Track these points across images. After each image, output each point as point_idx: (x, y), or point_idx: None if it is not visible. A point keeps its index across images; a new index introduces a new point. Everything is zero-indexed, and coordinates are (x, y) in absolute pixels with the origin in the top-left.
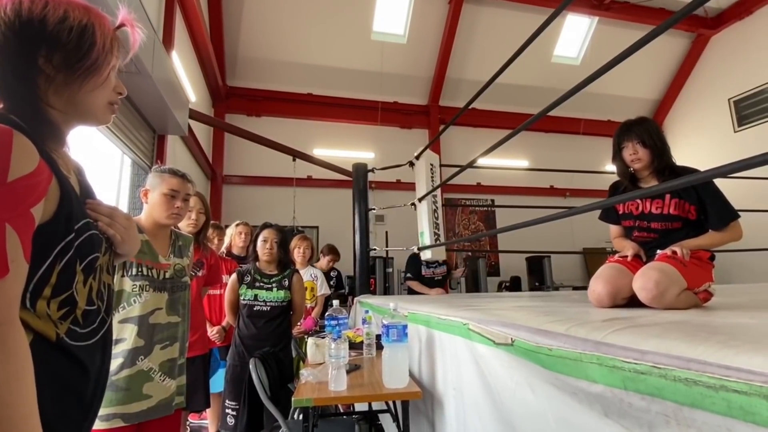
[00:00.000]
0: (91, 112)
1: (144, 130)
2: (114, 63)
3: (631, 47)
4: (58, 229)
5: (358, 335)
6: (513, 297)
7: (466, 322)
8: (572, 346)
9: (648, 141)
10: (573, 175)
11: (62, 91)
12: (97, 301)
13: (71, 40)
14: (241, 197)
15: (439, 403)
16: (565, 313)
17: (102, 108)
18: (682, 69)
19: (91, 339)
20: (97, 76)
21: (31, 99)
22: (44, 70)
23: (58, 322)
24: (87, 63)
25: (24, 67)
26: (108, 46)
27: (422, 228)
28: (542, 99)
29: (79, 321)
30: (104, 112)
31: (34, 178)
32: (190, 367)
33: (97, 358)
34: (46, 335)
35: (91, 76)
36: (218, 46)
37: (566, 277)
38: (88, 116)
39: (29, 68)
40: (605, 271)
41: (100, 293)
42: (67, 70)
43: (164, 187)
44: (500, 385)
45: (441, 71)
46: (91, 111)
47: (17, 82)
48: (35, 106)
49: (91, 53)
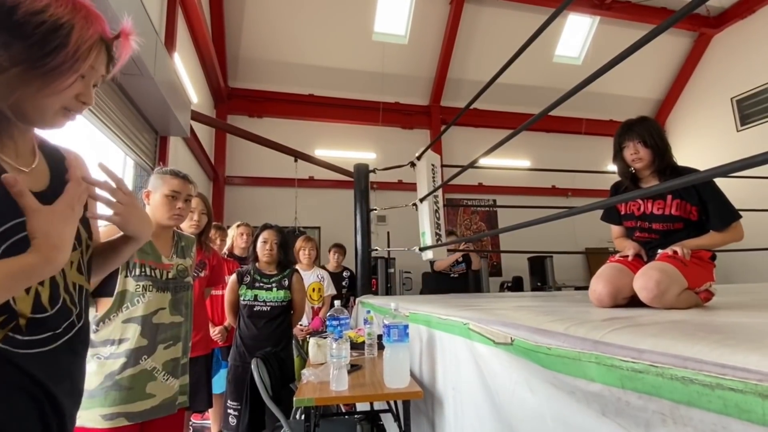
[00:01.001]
0: (36, 113)
1: (146, 131)
2: (84, 71)
3: (632, 46)
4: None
5: (359, 335)
6: (515, 297)
7: (466, 321)
8: (571, 345)
9: (649, 141)
10: (575, 174)
11: (14, 86)
12: (52, 307)
13: (36, 35)
14: (243, 198)
15: (439, 402)
16: (566, 313)
17: (52, 112)
18: (684, 68)
19: (43, 346)
20: (59, 80)
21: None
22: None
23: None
24: (50, 63)
25: None
26: (81, 52)
27: (424, 228)
28: (544, 99)
29: (21, 329)
30: (54, 117)
31: None
32: (192, 367)
33: (56, 365)
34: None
35: (53, 80)
36: (220, 48)
37: (568, 278)
38: (34, 119)
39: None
40: (606, 270)
41: (57, 297)
42: (24, 65)
43: (166, 188)
44: (499, 385)
45: (442, 71)
46: (37, 113)
47: None
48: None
49: (56, 54)
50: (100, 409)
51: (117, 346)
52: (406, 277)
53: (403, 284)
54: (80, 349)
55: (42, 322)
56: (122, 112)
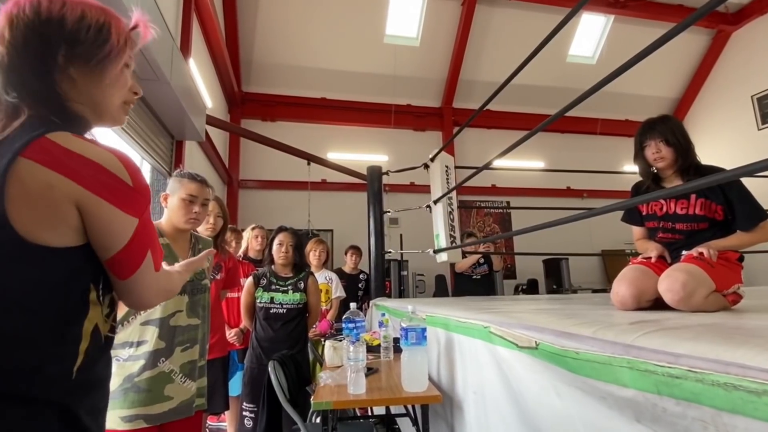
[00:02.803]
0: (106, 110)
1: (163, 136)
2: (127, 61)
3: (650, 46)
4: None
5: (375, 338)
6: (531, 300)
7: (487, 325)
8: (601, 350)
9: (671, 139)
10: (590, 175)
11: (82, 89)
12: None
13: (89, 38)
14: (257, 201)
15: (459, 407)
16: (589, 316)
17: (117, 107)
18: (702, 66)
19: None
20: (110, 70)
21: (54, 98)
22: (65, 68)
23: (105, 319)
24: (101, 57)
25: (45, 66)
26: (122, 44)
27: (438, 230)
28: (558, 99)
29: (115, 319)
30: (119, 112)
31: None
32: (209, 369)
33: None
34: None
35: (106, 71)
36: (233, 53)
37: (584, 280)
38: (105, 115)
39: (50, 68)
40: (629, 272)
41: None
42: (85, 67)
43: (183, 192)
44: (524, 389)
45: (454, 73)
46: (108, 109)
47: (39, 83)
48: (60, 105)
49: (105, 48)
50: (119, 411)
51: (135, 348)
52: (419, 279)
53: (417, 287)
54: None
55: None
56: (140, 116)
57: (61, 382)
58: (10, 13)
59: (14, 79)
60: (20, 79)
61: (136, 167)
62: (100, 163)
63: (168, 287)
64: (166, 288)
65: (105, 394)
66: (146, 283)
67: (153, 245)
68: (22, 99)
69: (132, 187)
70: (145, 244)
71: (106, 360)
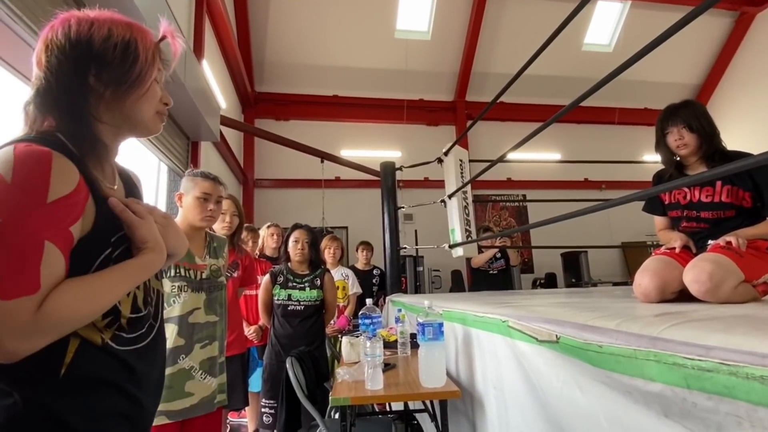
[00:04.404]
0: (140, 122)
1: (179, 137)
2: (156, 75)
3: (668, 30)
4: (95, 244)
5: (391, 334)
6: (550, 293)
7: (505, 319)
8: (625, 343)
9: (695, 125)
10: (609, 166)
11: (113, 106)
12: (145, 308)
13: (116, 56)
14: (273, 200)
15: (480, 402)
16: (611, 309)
17: (151, 118)
18: (724, 50)
19: (138, 343)
20: (141, 87)
21: (81, 117)
22: (95, 87)
23: (104, 329)
24: (132, 76)
25: (76, 87)
26: (150, 59)
27: (453, 225)
28: (573, 89)
29: (124, 328)
30: (153, 122)
31: (72, 198)
32: (228, 366)
33: (148, 360)
34: (92, 340)
35: (136, 88)
36: (246, 53)
37: (604, 273)
38: (139, 127)
39: (81, 87)
40: (652, 263)
41: (148, 300)
42: (115, 85)
43: (197, 190)
44: (545, 384)
45: (467, 66)
46: (141, 121)
47: (70, 103)
48: (84, 124)
49: (135, 66)
50: None
51: None
52: (435, 275)
53: (432, 282)
54: (161, 348)
55: (137, 321)
56: None
57: (39, 379)
58: (45, 38)
59: (50, 101)
60: (55, 101)
61: (31, 164)
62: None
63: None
64: (39, 326)
65: (106, 397)
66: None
67: (11, 257)
68: (55, 119)
69: (9, 184)
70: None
71: (108, 362)
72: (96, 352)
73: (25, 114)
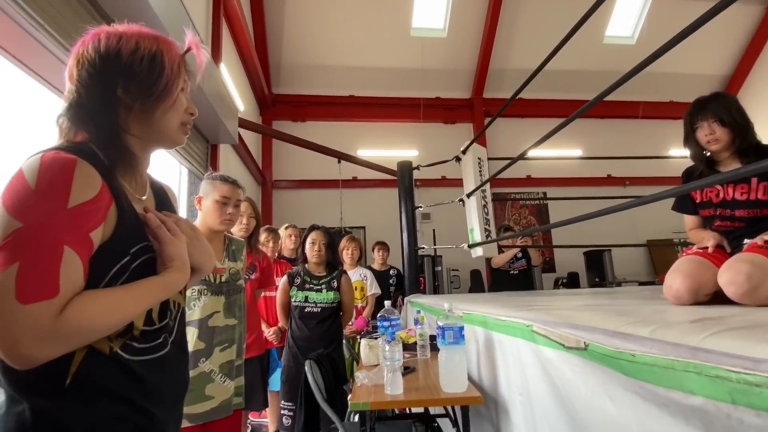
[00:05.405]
0: (166, 134)
1: (198, 140)
2: (182, 85)
3: (698, 20)
4: (114, 252)
5: (410, 336)
6: (573, 294)
7: (529, 323)
8: (661, 352)
9: (727, 118)
10: (633, 162)
11: (141, 118)
12: (160, 321)
13: (143, 68)
14: (291, 201)
15: (504, 409)
16: (641, 313)
17: (176, 129)
18: (755, 39)
19: (151, 354)
20: (168, 98)
21: (111, 129)
22: (123, 100)
23: (113, 339)
24: (158, 87)
25: (106, 100)
26: (176, 70)
27: (472, 224)
28: (595, 83)
29: (136, 338)
30: (178, 133)
31: (94, 204)
32: (247, 367)
33: (164, 371)
34: (100, 349)
35: (164, 99)
36: (263, 56)
37: (629, 272)
38: (164, 138)
39: (110, 100)
40: (684, 264)
41: (167, 313)
42: (143, 97)
43: (216, 194)
44: (572, 392)
45: (484, 62)
46: (166, 133)
47: (100, 115)
48: (114, 136)
49: (161, 78)
50: None
51: None
52: (454, 275)
53: (451, 282)
54: (184, 357)
55: (151, 332)
56: None
57: (46, 387)
58: (77, 53)
59: (82, 115)
60: (87, 114)
61: (56, 170)
62: (22, 168)
63: (65, 331)
64: (62, 331)
65: (112, 406)
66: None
67: (31, 262)
68: (87, 131)
69: (32, 189)
70: (15, 254)
71: (115, 371)
72: (103, 361)
73: (59, 127)
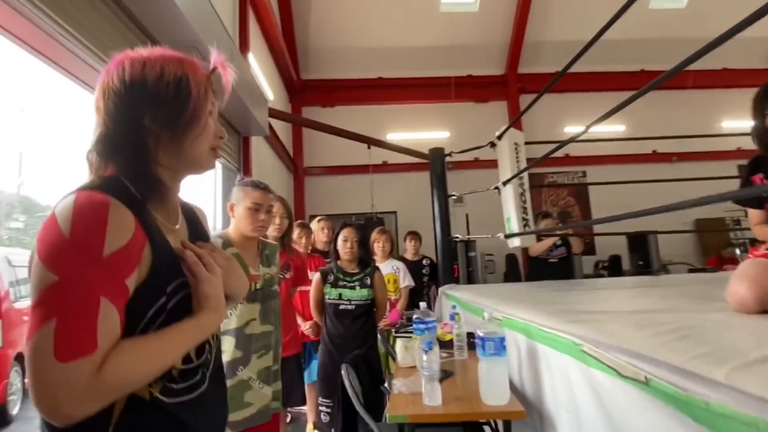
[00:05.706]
0: (196, 161)
1: (230, 134)
2: (210, 108)
3: None
4: (150, 294)
5: (446, 332)
6: (617, 288)
7: (579, 342)
8: (743, 406)
9: None
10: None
11: (170, 147)
12: (198, 358)
13: (169, 94)
14: (322, 187)
15: (551, 423)
16: (706, 332)
17: (206, 155)
18: None
19: (191, 393)
20: (197, 125)
21: (141, 160)
22: (151, 129)
23: (153, 383)
24: (187, 114)
25: (133, 130)
26: (203, 93)
27: (509, 214)
28: (640, 53)
29: (175, 379)
30: (208, 159)
31: (129, 249)
32: (285, 366)
33: (205, 408)
34: (140, 395)
35: (193, 126)
36: (290, 42)
37: (675, 254)
38: (194, 165)
39: (138, 130)
40: (750, 268)
41: (205, 348)
42: (172, 125)
43: (248, 201)
44: (629, 425)
45: (518, 35)
46: (196, 160)
47: (128, 146)
48: (145, 167)
49: (189, 103)
50: None
51: None
52: (488, 259)
53: (486, 267)
54: (223, 389)
55: (190, 371)
56: None
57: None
58: (103, 83)
59: (110, 148)
60: (115, 147)
61: (89, 216)
62: (55, 213)
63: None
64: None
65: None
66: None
67: (68, 317)
68: (117, 164)
69: (67, 238)
70: (51, 309)
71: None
72: (145, 408)
73: (88, 162)
